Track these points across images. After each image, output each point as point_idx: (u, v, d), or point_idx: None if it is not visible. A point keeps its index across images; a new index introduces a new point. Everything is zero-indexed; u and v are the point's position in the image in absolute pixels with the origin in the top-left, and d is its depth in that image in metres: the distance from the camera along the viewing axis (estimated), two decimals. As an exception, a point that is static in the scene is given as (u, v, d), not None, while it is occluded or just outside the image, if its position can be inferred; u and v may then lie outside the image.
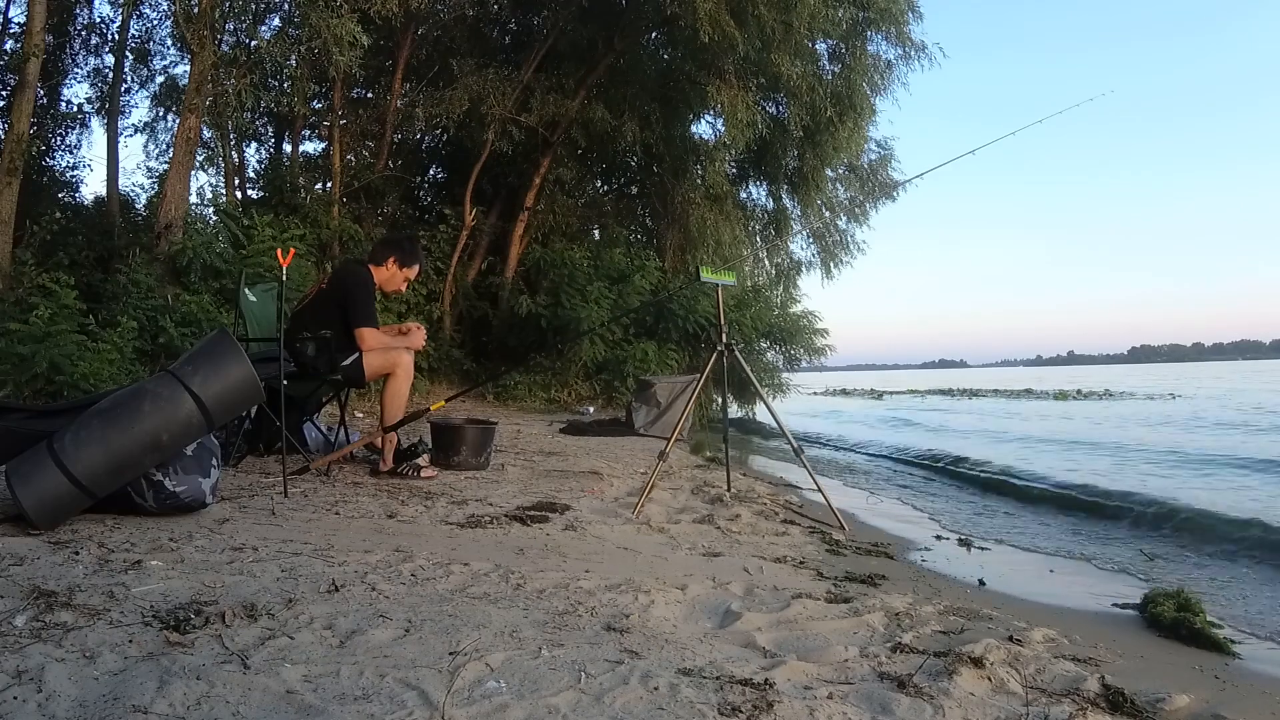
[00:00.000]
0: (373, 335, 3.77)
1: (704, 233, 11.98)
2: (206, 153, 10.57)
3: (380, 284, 3.95)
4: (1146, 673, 1.95)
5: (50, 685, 1.29)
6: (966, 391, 30.20)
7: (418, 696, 1.37)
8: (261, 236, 7.51)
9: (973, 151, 4.72)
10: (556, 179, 12.17)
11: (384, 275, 3.94)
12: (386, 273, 3.94)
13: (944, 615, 2.23)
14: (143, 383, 2.57)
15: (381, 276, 3.94)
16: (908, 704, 1.51)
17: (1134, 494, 5.18)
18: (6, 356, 5.18)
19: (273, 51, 8.13)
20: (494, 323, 11.39)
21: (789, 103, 10.38)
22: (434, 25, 10.89)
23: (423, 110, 10.21)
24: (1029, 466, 7.02)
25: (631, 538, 3.00)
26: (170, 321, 6.27)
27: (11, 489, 2.23)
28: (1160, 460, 7.67)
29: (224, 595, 1.82)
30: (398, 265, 3.95)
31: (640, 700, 1.42)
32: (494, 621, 1.79)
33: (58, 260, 7.05)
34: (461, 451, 4.23)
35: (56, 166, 10.75)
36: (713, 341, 4.01)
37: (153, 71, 11.28)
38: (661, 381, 7.77)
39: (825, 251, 13.88)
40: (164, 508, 2.53)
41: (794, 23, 9.15)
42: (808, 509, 4.22)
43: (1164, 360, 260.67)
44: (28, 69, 6.79)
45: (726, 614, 2.06)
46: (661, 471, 3.83)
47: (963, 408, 20.27)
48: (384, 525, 2.80)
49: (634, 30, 10.80)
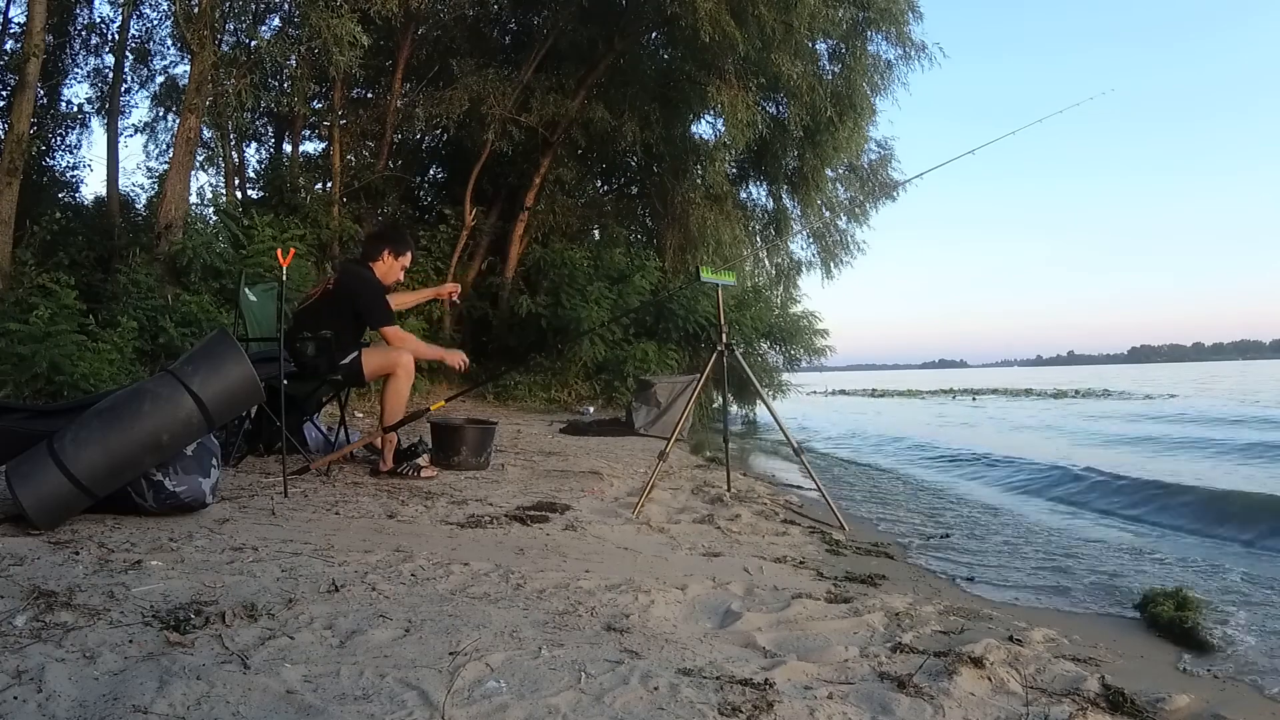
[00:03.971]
0: (396, 333, 3.83)
1: (704, 233, 11.97)
2: (206, 153, 10.56)
3: (380, 278, 3.96)
4: (1146, 673, 1.95)
5: (50, 685, 1.29)
6: (996, 391, 29.23)
7: (418, 696, 1.37)
8: (261, 236, 7.50)
9: (972, 151, 4.74)
10: (556, 179, 12.16)
11: (382, 269, 3.96)
12: (384, 266, 3.96)
13: (944, 615, 2.23)
14: (143, 383, 2.57)
15: (380, 271, 3.96)
16: (908, 704, 1.51)
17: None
18: (6, 356, 5.18)
19: (273, 51, 8.12)
20: (494, 323, 11.39)
21: (789, 103, 10.37)
22: (434, 25, 10.88)
23: (423, 110, 10.20)
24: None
25: (631, 538, 3.00)
26: (170, 321, 6.27)
27: (11, 489, 2.23)
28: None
29: (224, 595, 1.82)
30: (392, 256, 3.97)
31: (640, 700, 1.42)
32: (494, 621, 1.79)
33: (58, 260, 7.05)
34: (461, 451, 4.23)
35: (56, 166, 10.74)
36: (713, 341, 4.01)
37: (153, 71, 11.27)
38: (661, 381, 7.76)
39: (825, 251, 13.87)
40: (164, 508, 2.53)
41: (794, 23, 9.14)
42: (808, 509, 4.23)
43: (1164, 360, 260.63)
44: (28, 69, 6.79)
45: (726, 614, 2.06)
46: (661, 471, 3.83)
47: (1015, 407, 19.09)
48: (384, 525, 2.80)
49: (634, 30, 10.79)
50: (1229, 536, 4.16)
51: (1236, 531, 4.21)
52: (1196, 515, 4.67)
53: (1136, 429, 11.77)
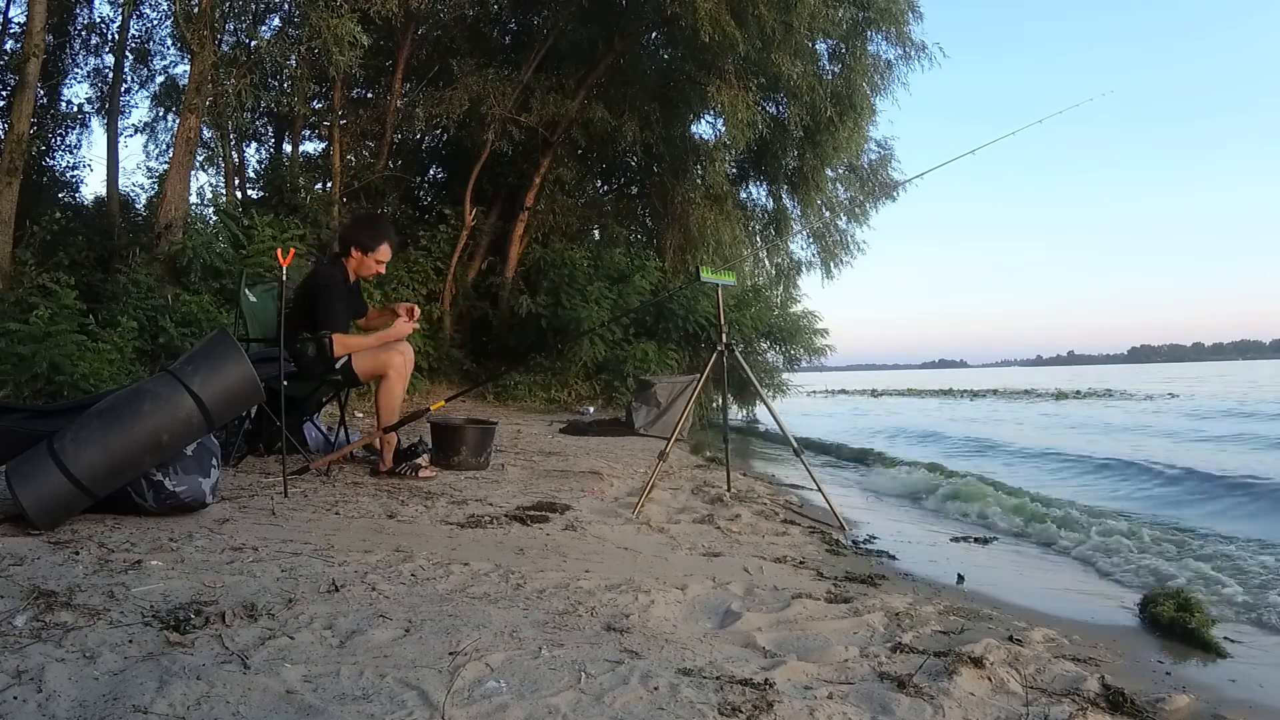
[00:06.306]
0: (338, 339, 3.72)
1: (704, 233, 11.97)
2: (206, 153, 10.57)
3: (354, 272, 3.93)
4: (1146, 673, 1.95)
5: (50, 685, 1.29)
6: (997, 392, 28.59)
7: (418, 696, 1.37)
8: (261, 236, 7.50)
9: (973, 151, 4.73)
10: (556, 179, 12.16)
11: (354, 265, 3.92)
12: (355, 262, 3.92)
13: (944, 615, 2.23)
14: (143, 383, 2.57)
15: (353, 267, 3.92)
16: (908, 704, 1.51)
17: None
18: (6, 356, 5.18)
19: (273, 51, 8.12)
20: (494, 323, 11.38)
21: (789, 103, 10.37)
22: (434, 25, 10.87)
23: (423, 110, 10.20)
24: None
25: (631, 538, 3.00)
26: (170, 321, 6.27)
27: (11, 489, 2.23)
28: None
29: (224, 595, 1.81)
30: (361, 252, 3.89)
31: (640, 700, 1.42)
32: (494, 621, 1.79)
33: (58, 260, 7.04)
34: (461, 451, 4.23)
35: (56, 166, 10.75)
36: (713, 341, 4.01)
37: (153, 71, 11.28)
38: (661, 381, 7.76)
39: (825, 251, 13.86)
40: (164, 508, 2.53)
41: (794, 23, 9.14)
42: (808, 509, 4.23)
43: (1164, 360, 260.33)
44: (28, 69, 6.79)
45: (726, 614, 2.06)
46: (661, 471, 3.83)
47: (1057, 410, 18.21)
48: (384, 525, 2.80)
49: (634, 30, 10.79)
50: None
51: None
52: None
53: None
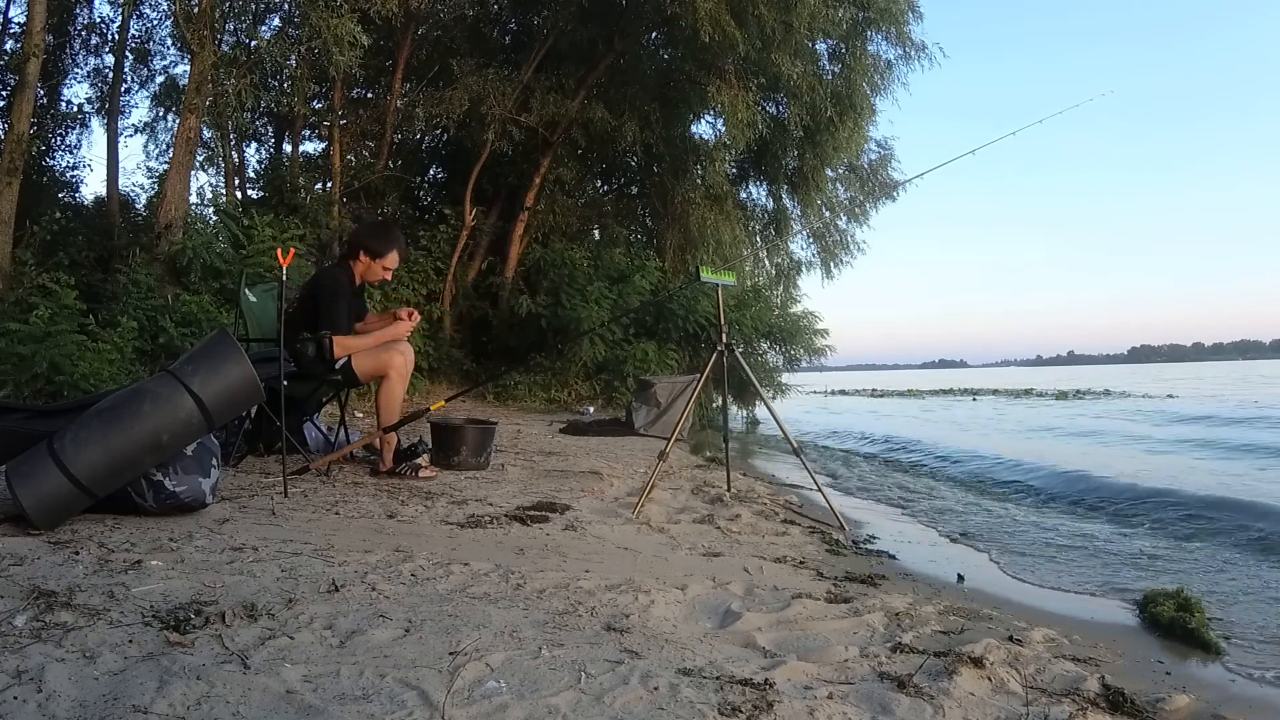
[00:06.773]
0: (338, 340, 3.73)
1: (704, 233, 11.97)
2: (206, 153, 10.57)
3: (360, 276, 3.94)
4: (1146, 673, 1.95)
5: (50, 685, 1.29)
6: (997, 391, 28.32)
7: (418, 696, 1.37)
8: (261, 236, 7.50)
9: (973, 151, 4.74)
10: (556, 179, 12.16)
11: (361, 269, 3.93)
12: (362, 266, 3.92)
13: (944, 615, 2.23)
14: (143, 383, 2.57)
15: (359, 270, 3.93)
16: (908, 704, 1.51)
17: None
18: (6, 356, 5.18)
19: (273, 51, 8.12)
20: (494, 323, 11.38)
21: (789, 103, 10.37)
22: (434, 25, 10.88)
23: (423, 110, 10.20)
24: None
25: (631, 538, 3.00)
26: (170, 321, 6.27)
27: (11, 489, 2.23)
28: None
29: (224, 595, 1.82)
30: (369, 257, 3.90)
31: (640, 700, 1.42)
32: (494, 621, 1.79)
33: (58, 260, 7.05)
34: (461, 451, 4.23)
35: (56, 166, 10.75)
36: (713, 341, 4.01)
37: (153, 71, 11.28)
38: (661, 381, 7.76)
39: (825, 251, 13.86)
40: (164, 508, 2.53)
41: (794, 23, 9.14)
42: (808, 509, 4.23)
43: (1164, 360, 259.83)
44: (28, 69, 6.79)
45: (726, 614, 2.06)
46: (661, 471, 3.83)
47: (1087, 411, 16.92)
48: (384, 525, 2.80)
49: (634, 30, 10.79)
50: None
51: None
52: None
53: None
